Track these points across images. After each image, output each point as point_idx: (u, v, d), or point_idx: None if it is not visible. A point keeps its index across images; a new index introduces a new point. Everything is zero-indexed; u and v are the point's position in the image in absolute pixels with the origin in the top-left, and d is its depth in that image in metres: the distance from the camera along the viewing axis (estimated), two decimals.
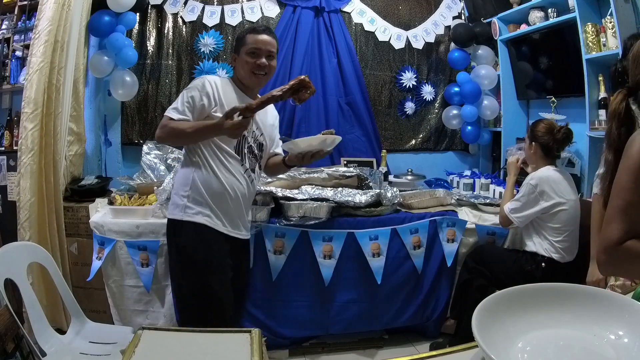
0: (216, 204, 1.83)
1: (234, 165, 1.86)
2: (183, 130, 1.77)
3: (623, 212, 1.08)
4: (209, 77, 1.87)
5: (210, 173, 1.82)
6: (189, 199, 1.82)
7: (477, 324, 0.72)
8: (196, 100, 1.80)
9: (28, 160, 2.29)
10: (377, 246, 2.58)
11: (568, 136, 2.40)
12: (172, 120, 1.78)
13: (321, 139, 1.80)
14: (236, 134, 1.73)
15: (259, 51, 1.86)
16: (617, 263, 1.08)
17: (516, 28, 3.35)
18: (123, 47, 2.89)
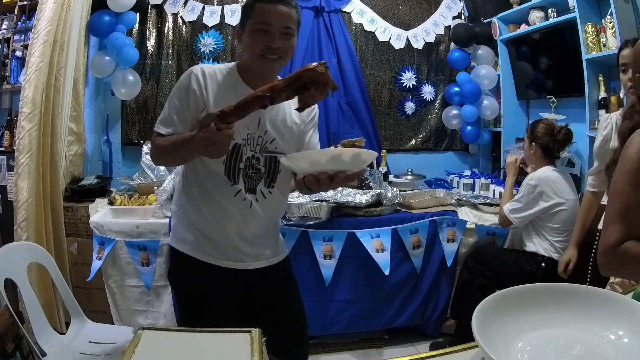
0: (204, 231, 1.45)
1: (220, 187, 1.41)
2: (165, 148, 1.34)
3: (621, 215, 1.09)
4: (196, 69, 1.40)
5: (195, 197, 1.44)
6: (177, 222, 1.50)
7: (477, 324, 0.72)
8: (183, 103, 1.37)
9: (25, 160, 2.28)
10: (379, 242, 2.57)
11: (568, 137, 2.41)
12: (159, 137, 1.37)
13: (333, 155, 1.14)
14: (210, 154, 1.16)
15: (270, 27, 1.33)
16: (617, 265, 1.10)
17: (516, 28, 3.35)
18: (123, 47, 2.90)
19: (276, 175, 1.47)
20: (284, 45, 1.36)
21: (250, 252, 1.50)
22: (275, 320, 1.55)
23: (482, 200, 2.93)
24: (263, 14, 1.33)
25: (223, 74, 1.42)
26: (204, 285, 1.47)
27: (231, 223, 1.44)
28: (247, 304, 1.53)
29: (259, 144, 1.42)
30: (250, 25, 1.35)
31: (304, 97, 1.11)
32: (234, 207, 1.42)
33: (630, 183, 1.10)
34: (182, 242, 1.46)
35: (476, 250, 2.65)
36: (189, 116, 1.37)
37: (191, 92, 1.37)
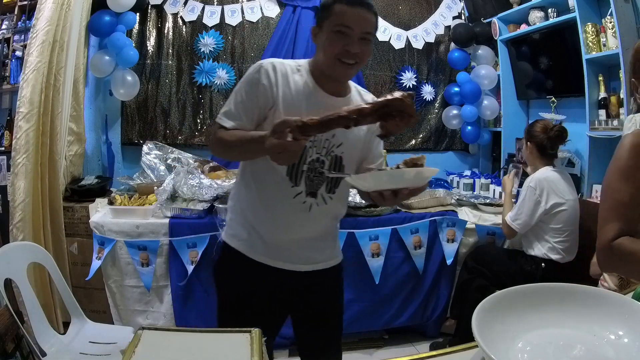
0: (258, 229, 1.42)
1: (281, 188, 1.37)
2: (230, 143, 1.31)
3: (615, 212, 1.12)
4: (266, 63, 1.34)
5: (253, 194, 1.41)
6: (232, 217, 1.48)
7: (477, 324, 0.72)
8: (251, 97, 1.33)
9: (23, 160, 2.27)
10: (377, 246, 2.58)
11: (561, 134, 2.40)
12: (222, 129, 1.32)
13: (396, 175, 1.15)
14: (280, 161, 1.15)
15: (350, 31, 1.27)
16: (613, 261, 1.13)
17: (516, 28, 3.35)
18: (124, 47, 2.90)
19: (339, 181, 1.42)
20: (362, 51, 1.30)
21: (303, 255, 1.45)
22: (314, 325, 1.54)
23: (482, 200, 2.93)
24: (344, 16, 1.27)
25: (294, 72, 1.36)
26: (250, 282, 1.44)
27: (287, 224, 1.41)
28: (291, 305, 1.51)
29: (325, 147, 1.36)
30: (329, 24, 1.29)
31: (388, 126, 1.12)
32: (292, 209, 1.39)
33: (621, 180, 1.13)
34: (235, 238, 1.44)
35: (476, 250, 2.66)
36: (255, 111, 1.33)
37: (260, 87, 1.32)
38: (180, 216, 2.48)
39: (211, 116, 3.32)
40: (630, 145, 1.16)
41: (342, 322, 1.61)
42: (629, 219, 1.10)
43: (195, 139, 3.31)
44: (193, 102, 3.30)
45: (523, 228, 2.36)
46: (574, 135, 2.79)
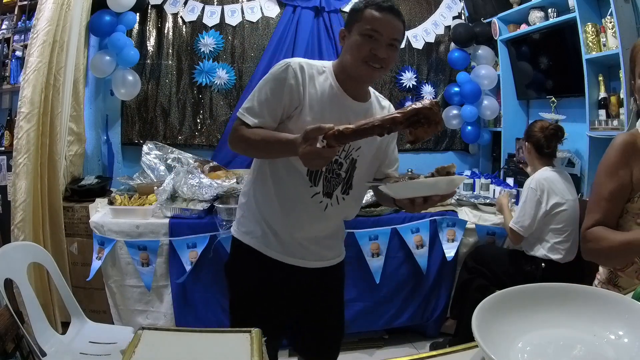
0: (273, 226, 1.45)
1: (299, 187, 1.40)
2: (254, 142, 1.31)
3: (596, 205, 1.24)
4: (294, 62, 1.35)
5: (270, 192, 1.43)
6: (244, 214, 1.49)
7: (477, 324, 0.72)
8: (276, 96, 1.33)
9: (23, 160, 2.27)
10: (376, 246, 2.58)
11: (556, 132, 2.40)
12: (244, 127, 1.33)
13: (431, 184, 1.26)
14: (312, 166, 1.21)
15: (379, 35, 1.31)
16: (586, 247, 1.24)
17: (516, 28, 3.35)
18: (124, 47, 2.90)
19: (352, 182, 1.46)
20: (389, 56, 1.33)
21: (315, 252, 1.49)
22: (320, 320, 1.59)
23: (482, 200, 2.93)
24: (374, 21, 1.31)
25: (320, 73, 1.38)
26: (263, 279, 1.47)
27: (303, 222, 1.44)
28: (299, 302, 1.54)
29: (344, 149, 1.39)
30: (358, 29, 1.32)
31: (417, 132, 1.17)
32: (308, 208, 1.42)
33: (606, 175, 1.23)
34: (249, 235, 1.46)
35: (476, 250, 2.65)
36: (280, 111, 1.34)
37: (287, 87, 1.33)
38: (180, 216, 2.48)
39: (211, 116, 3.32)
40: (619, 144, 1.25)
41: (344, 318, 1.68)
42: (607, 212, 1.21)
43: (195, 139, 3.31)
44: (193, 102, 3.30)
45: (527, 230, 2.35)
46: (574, 135, 2.79)
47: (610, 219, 1.22)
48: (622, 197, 1.23)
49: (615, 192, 1.22)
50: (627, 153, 1.22)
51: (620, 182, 1.22)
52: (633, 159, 1.22)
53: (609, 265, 1.33)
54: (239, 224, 1.50)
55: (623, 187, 1.22)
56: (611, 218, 1.22)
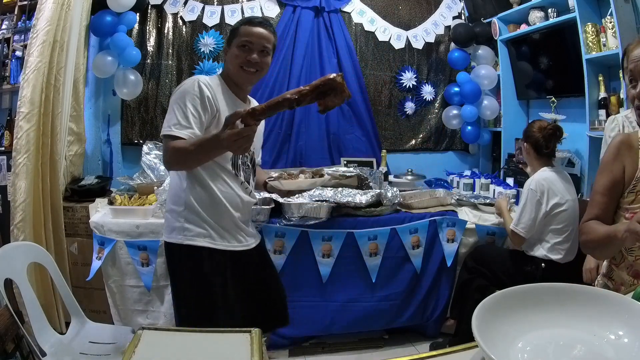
0: (216, 221, 1.65)
1: (231, 179, 1.67)
2: (190, 151, 1.45)
3: (593, 200, 1.31)
4: (201, 78, 1.61)
5: (206, 190, 1.62)
6: (186, 220, 1.63)
7: (477, 324, 0.72)
8: (198, 108, 1.55)
9: (23, 160, 2.27)
10: (375, 246, 2.58)
11: (555, 132, 2.39)
12: (177, 140, 1.48)
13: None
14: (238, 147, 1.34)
15: (251, 45, 1.62)
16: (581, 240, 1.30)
17: (516, 28, 3.35)
18: (126, 47, 2.90)
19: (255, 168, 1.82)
20: (261, 61, 1.64)
21: (250, 232, 1.80)
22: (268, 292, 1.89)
23: (482, 200, 2.93)
24: (247, 34, 1.63)
25: (217, 84, 1.66)
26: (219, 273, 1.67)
27: (241, 209, 1.71)
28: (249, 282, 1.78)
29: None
30: (236, 42, 1.64)
31: (325, 102, 1.31)
32: (241, 194, 1.70)
33: (600, 172, 1.31)
34: (199, 237, 1.63)
35: (476, 250, 2.65)
36: (204, 120, 1.55)
37: (206, 99, 1.56)
38: None
39: None
40: (614, 142, 1.32)
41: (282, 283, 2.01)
42: (601, 205, 1.27)
43: None
44: None
45: (528, 231, 2.34)
46: (574, 135, 2.79)
47: (605, 212, 1.28)
48: (615, 191, 1.28)
49: (608, 186, 1.28)
50: (620, 150, 1.29)
51: (612, 177, 1.27)
52: (625, 154, 1.27)
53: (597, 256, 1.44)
54: (185, 230, 1.63)
55: (615, 182, 1.27)
56: (606, 212, 1.28)
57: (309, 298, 2.57)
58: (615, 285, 1.31)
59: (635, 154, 1.27)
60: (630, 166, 1.26)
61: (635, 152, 1.27)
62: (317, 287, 2.57)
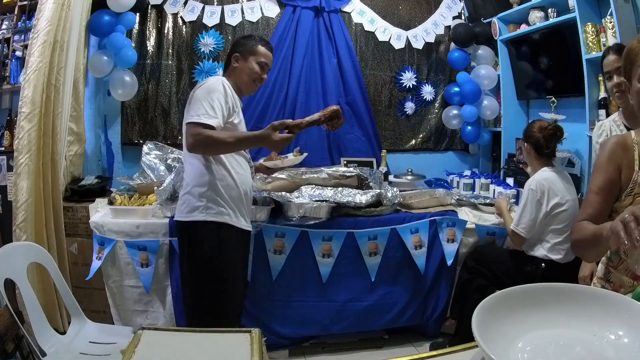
0: (234, 201, 1.88)
1: (243, 161, 1.96)
2: (224, 141, 1.75)
3: (587, 201, 1.29)
4: (224, 81, 1.87)
5: (226, 171, 1.86)
6: (209, 200, 1.83)
7: (477, 324, 0.72)
8: (223, 103, 1.80)
9: (25, 160, 2.27)
10: (375, 245, 2.58)
11: (555, 132, 2.39)
12: (211, 129, 1.72)
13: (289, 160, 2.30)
14: (280, 149, 1.89)
15: (266, 66, 2.00)
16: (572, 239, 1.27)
17: (516, 28, 3.35)
18: (123, 47, 2.89)
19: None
20: (265, 77, 2.04)
21: (249, 215, 2.03)
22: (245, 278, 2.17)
23: (482, 200, 2.93)
24: (265, 56, 1.99)
25: (230, 86, 1.90)
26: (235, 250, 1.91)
27: (248, 191, 1.98)
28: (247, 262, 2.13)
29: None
30: (254, 59, 1.96)
31: (333, 124, 1.94)
32: (250, 174, 2.00)
33: (595, 173, 1.29)
34: (221, 214, 1.84)
35: (476, 250, 2.65)
36: (225, 114, 1.80)
37: (229, 97, 1.84)
38: None
39: None
40: (610, 143, 1.30)
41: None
42: (595, 206, 1.25)
43: None
44: None
45: (529, 231, 2.34)
46: (574, 135, 2.79)
47: (599, 213, 1.24)
48: (610, 192, 1.25)
49: (603, 186, 1.25)
50: (616, 151, 1.26)
51: (608, 177, 1.24)
52: (622, 156, 1.25)
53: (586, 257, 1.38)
54: (208, 208, 1.82)
55: (611, 183, 1.25)
56: (600, 212, 1.24)
57: (309, 298, 2.57)
58: (614, 287, 1.30)
59: (631, 155, 1.24)
60: (627, 168, 1.24)
61: (631, 153, 1.25)
62: (317, 287, 2.57)
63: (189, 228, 1.85)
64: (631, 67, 1.24)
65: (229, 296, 1.89)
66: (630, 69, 1.24)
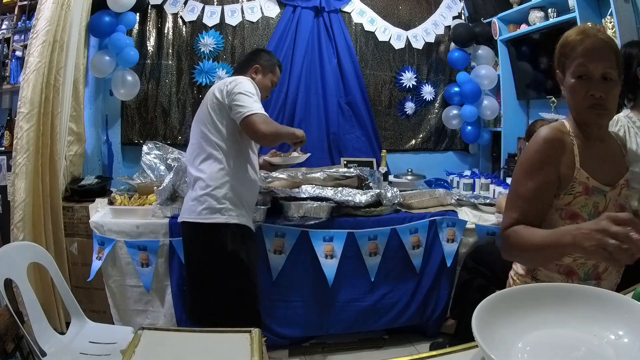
0: (249, 203, 1.96)
1: (256, 160, 2.05)
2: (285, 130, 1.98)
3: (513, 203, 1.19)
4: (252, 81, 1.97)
5: (246, 173, 1.93)
6: (231, 202, 1.86)
7: (477, 324, 0.72)
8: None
9: (23, 160, 2.27)
10: (374, 245, 2.58)
11: None
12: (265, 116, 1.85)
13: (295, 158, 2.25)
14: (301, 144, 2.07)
15: (275, 85, 2.19)
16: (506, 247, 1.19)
17: (516, 28, 3.35)
18: (125, 47, 2.89)
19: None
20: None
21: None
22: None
23: (482, 200, 2.93)
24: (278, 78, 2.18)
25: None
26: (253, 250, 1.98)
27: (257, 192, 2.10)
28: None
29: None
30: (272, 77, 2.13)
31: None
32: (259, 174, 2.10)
33: (524, 174, 1.19)
34: (241, 217, 1.89)
35: (476, 250, 2.65)
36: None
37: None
38: None
39: None
40: (543, 140, 1.19)
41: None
42: (525, 211, 1.16)
43: None
44: (193, 102, 3.30)
45: None
46: None
47: (533, 216, 1.16)
48: (546, 195, 1.18)
49: (539, 190, 1.16)
50: (552, 150, 1.18)
51: (544, 180, 1.16)
52: (560, 155, 1.18)
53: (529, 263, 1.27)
54: (229, 210, 1.85)
55: (548, 185, 1.17)
56: (534, 216, 1.17)
57: (309, 298, 2.57)
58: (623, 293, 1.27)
59: (570, 153, 1.19)
60: (566, 167, 1.17)
61: (570, 151, 1.19)
62: (317, 287, 2.56)
63: (209, 230, 1.85)
64: (565, 60, 1.21)
65: (255, 297, 1.94)
66: (564, 62, 1.21)
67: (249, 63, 2.12)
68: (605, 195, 1.19)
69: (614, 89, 1.16)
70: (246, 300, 1.91)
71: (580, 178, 1.17)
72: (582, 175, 1.17)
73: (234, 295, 1.87)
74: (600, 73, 1.14)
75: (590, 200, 1.18)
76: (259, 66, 2.09)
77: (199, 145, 1.95)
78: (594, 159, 1.20)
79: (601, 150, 1.23)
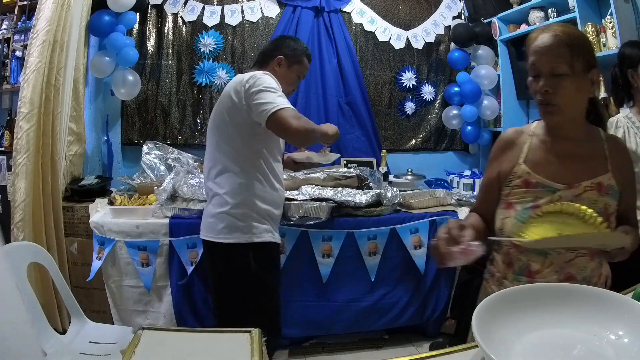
0: (273, 216, 1.81)
1: (280, 167, 1.89)
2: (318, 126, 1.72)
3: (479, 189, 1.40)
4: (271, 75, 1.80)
5: (267, 185, 1.78)
6: (252, 219, 1.72)
7: (477, 324, 0.72)
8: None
9: (23, 160, 2.27)
10: (374, 245, 2.58)
11: None
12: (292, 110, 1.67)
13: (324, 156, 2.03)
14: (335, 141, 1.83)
15: (303, 78, 2.00)
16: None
17: (516, 28, 3.35)
18: (124, 47, 2.89)
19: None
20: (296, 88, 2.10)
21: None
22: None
23: None
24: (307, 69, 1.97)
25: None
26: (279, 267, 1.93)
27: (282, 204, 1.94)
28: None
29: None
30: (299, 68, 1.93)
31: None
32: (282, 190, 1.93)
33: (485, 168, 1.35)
34: (265, 233, 1.76)
35: None
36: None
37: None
38: (180, 216, 2.48)
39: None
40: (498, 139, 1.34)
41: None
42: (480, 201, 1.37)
43: (195, 139, 3.30)
44: (193, 102, 3.30)
45: None
46: None
47: (485, 206, 1.32)
48: (492, 188, 1.30)
49: (487, 183, 1.33)
50: (497, 149, 1.31)
51: (490, 175, 1.31)
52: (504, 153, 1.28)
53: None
54: (253, 228, 1.73)
55: (491, 180, 1.30)
56: (485, 206, 1.32)
57: (309, 298, 2.57)
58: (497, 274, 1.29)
59: (518, 150, 1.25)
60: (508, 163, 1.25)
61: (519, 149, 1.25)
62: (317, 287, 2.57)
63: (229, 249, 1.73)
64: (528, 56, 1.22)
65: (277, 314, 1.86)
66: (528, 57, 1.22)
67: (272, 54, 1.89)
68: (555, 193, 1.17)
69: (565, 83, 1.13)
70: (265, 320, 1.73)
71: (519, 172, 1.22)
72: (522, 170, 1.22)
73: (255, 313, 1.74)
74: (547, 69, 1.14)
75: (531, 195, 1.20)
76: (282, 57, 1.87)
77: (213, 156, 1.81)
78: (549, 157, 1.22)
79: (566, 149, 1.21)
